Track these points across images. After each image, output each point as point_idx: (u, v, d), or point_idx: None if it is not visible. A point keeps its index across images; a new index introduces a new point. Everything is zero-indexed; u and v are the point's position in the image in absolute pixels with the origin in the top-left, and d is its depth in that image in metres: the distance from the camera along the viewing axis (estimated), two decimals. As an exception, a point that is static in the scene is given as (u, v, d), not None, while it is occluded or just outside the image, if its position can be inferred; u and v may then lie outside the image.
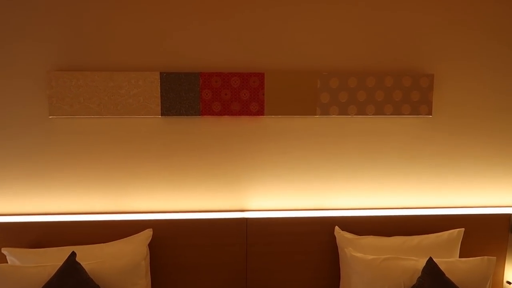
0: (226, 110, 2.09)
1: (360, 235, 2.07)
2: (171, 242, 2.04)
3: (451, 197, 2.23)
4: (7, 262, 1.86)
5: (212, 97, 2.07)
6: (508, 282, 2.20)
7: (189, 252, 2.06)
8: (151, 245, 1.98)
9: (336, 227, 2.08)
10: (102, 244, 1.94)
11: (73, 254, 1.69)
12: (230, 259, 2.09)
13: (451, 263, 1.89)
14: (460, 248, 2.07)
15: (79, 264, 1.67)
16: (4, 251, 1.87)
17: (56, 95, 2.00)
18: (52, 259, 1.80)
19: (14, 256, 1.85)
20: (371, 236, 2.07)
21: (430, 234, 2.08)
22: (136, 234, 1.97)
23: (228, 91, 2.08)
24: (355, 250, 1.96)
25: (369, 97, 2.13)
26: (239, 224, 2.08)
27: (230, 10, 2.04)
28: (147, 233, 1.96)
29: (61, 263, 1.71)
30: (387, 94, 2.13)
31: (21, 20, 1.97)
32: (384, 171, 2.20)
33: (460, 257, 2.06)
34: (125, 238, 1.97)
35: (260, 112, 2.10)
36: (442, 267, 1.81)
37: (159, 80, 2.03)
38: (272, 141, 2.15)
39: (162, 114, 2.05)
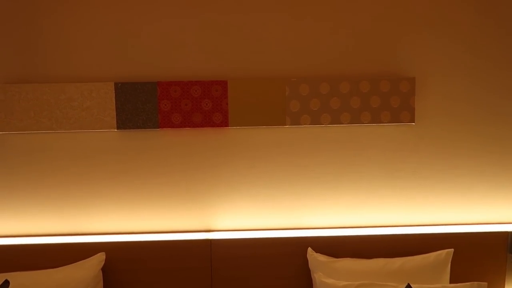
0: (187, 122, 1.93)
1: (336, 257, 1.87)
2: (127, 267, 1.87)
3: (439, 214, 2.01)
4: None
5: (171, 108, 1.92)
6: (509, 310, 1.95)
7: (147, 277, 1.88)
8: (104, 270, 1.82)
9: (309, 248, 1.88)
10: (51, 269, 1.79)
11: (6, 283, 1.53)
12: (193, 285, 1.90)
13: (435, 290, 1.67)
14: (450, 271, 1.84)
15: (11, 293, 1.52)
16: None
17: (5, 109, 1.88)
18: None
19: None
20: (348, 258, 1.86)
21: (415, 256, 1.86)
22: (88, 259, 1.81)
23: (189, 101, 1.92)
24: (328, 275, 1.75)
25: (343, 104, 1.94)
26: (202, 246, 1.91)
27: (190, 13, 1.90)
28: (99, 257, 1.80)
29: (0, 292, 1.56)
30: (364, 101, 1.94)
31: (-33, 31, 1.87)
32: (364, 185, 2.00)
33: (450, 282, 1.82)
34: (75, 263, 1.81)
35: (224, 123, 1.93)
36: (424, 294, 1.59)
37: (114, 91, 1.90)
38: (239, 154, 1.97)
39: (118, 128, 1.91)
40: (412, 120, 1.95)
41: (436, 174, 1.99)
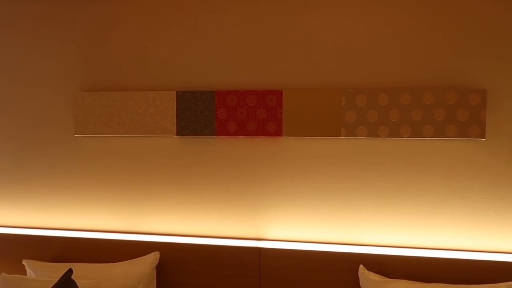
0: (241, 130, 1.97)
1: (390, 278, 1.76)
2: (179, 268, 1.95)
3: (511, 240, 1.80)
4: (25, 273, 1.94)
5: (227, 116, 1.98)
6: None
7: (198, 280, 1.94)
8: (158, 268, 1.91)
9: (361, 266, 1.80)
10: (110, 264, 1.92)
11: (70, 271, 1.68)
12: (241, 291, 1.92)
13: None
14: (524, 306, 1.63)
15: (74, 282, 1.66)
16: (24, 262, 1.96)
17: (82, 114, 2.09)
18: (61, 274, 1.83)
19: (31, 268, 1.92)
20: (404, 280, 1.74)
21: (483, 285, 1.68)
22: (144, 256, 1.92)
23: (244, 110, 1.97)
24: (380, 297, 1.65)
25: (403, 117, 1.84)
26: (252, 253, 1.91)
27: (246, 26, 1.96)
28: (154, 256, 1.90)
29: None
30: (427, 113, 1.82)
31: (52, 47, 2.11)
32: (425, 204, 1.87)
33: (523, 318, 1.62)
34: (133, 260, 1.93)
35: (278, 132, 1.95)
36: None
37: (175, 99, 2.01)
38: (291, 164, 1.96)
39: (177, 134, 2.01)
40: (482, 135, 1.79)
41: (509, 196, 1.80)
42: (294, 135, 1.93)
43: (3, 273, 1.85)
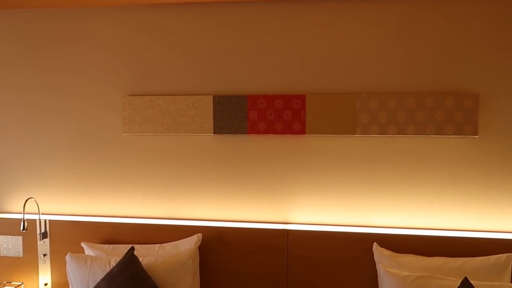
0: (270, 129, 2.29)
1: (398, 253, 2.09)
2: (218, 248, 2.25)
3: (498, 221, 2.14)
4: (84, 253, 2.23)
5: (258, 117, 2.30)
6: None
7: (234, 257, 2.25)
8: (200, 249, 2.22)
9: (375, 243, 2.12)
10: (157, 244, 2.23)
11: (132, 249, 1.98)
12: (271, 268, 2.23)
13: (493, 287, 1.82)
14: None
15: (136, 257, 1.96)
16: (83, 244, 2.25)
17: (129, 116, 2.39)
18: (116, 253, 2.13)
19: (89, 249, 2.22)
20: (411, 254, 2.08)
21: (475, 257, 2.02)
22: (187, 238, 2.22)
23: (273, 112, 2.29)
24: (391, 267, 1.98)
25: (409, 117, 2.18)
26: (280, 235, 2.23)
27: (274, 40, 2.28)
28: (197, 237, 2.20)
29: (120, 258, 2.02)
30: (428, 115, 2.16)
31: (103, 57, 2.41)
32: (427, 191, 2.20)
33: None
34: (178, 241, 2.23)
35: (301, 131, 2.27)
36: (481, 289, 1.76)
37: (212, 103, 2.32)
38: (313, 158, 2.29)
39: (214, 132, 2.32)
40: (475, 133, 2.13)
41: (497, 184, 2.14)
42: (315, 133, 2.26)
43: (69, 252, 2.14)
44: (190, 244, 2.16)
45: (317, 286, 2.20)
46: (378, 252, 2.08)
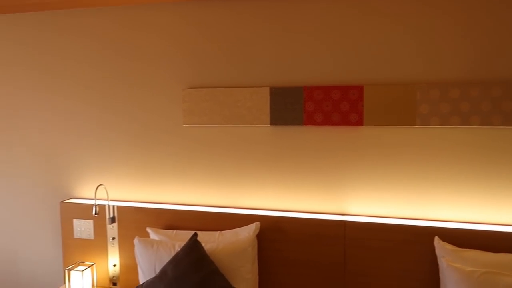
0: (327, 120, 2.30)
1: (462, 248, 2.03)
2: (275, 237, 2.30)
3: None
4: (149, 237, 2.38)
5: (314, 109, 2.31)
6: None
7: (291, 246, 2.29)
8: (258, 237, 2.28)
9: (436, 237, 2.08)
10: (217, 231, 2.32)
11: (195, 234, 2.09)
12: (328, 258, 2.25)
13: None
14: None
15: (200, 243, 2.07)
16: (148, 229, 2.40)
17: (189, 108, 2.49)
18: (179, 238, 2.26)
19: (154, 233, 2.36)
20: (475, 249, 2.01)
21: (547, 255, 1.92)
22: (246, 226, 2.30)
23: (329, 103, 2.29)
24: (455, 262, 1.93)
25: (473, 108, 2.09)
26: (338, 226, 2.24)
27: (330, 30, 2.27)
28: (255, 226, 2.26)
29: (184, 243, 2.13)
30: (495, 105, 2.07)
31: (164, 52, 2.52)
32: (493, 185, 2.12)
33: None
34: (237, 228, 2.31)
35: (359, 122, 2.25)
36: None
37: (269, 94, 2.36)
38: (371, 149, 2.27)
39: (271, 124, 2.37)
40: (547, 124, 2.01)
41: None
42: (373, 124, 2.23)
43: (136, 236, 2.29)
44: (249, 232, 2.23)
45: (375, 278, 2.20)
46: (441, 246, 2.04)
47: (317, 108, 2.31)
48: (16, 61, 2.81)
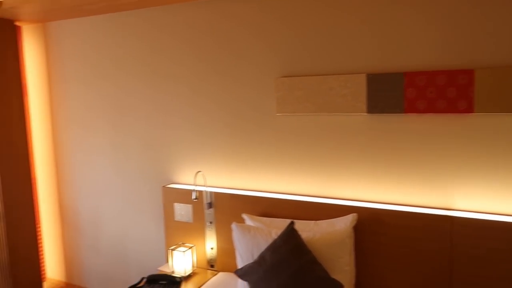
0: (431, 108, 2.14)
1: None
2: (373, 229, 2.23)
3: None
4: (245, 223, 2.46)
5: (416, 96, 2.17)
6: None
7: (390, 240, 2.20)
8: (354, 229, 2.24)
9: (562, 238, 1.85)
10: (312, 220, 2.32)
11: (292, 223, 2.11)
12: (431, 254, 2.12)
13: None
14: None
15: (297, 231, 2.09)
16: (243, 215, 2.49)
17: (282, 97, 2.50)
18: (275, 225, 2.31)
19: (250, 220, 2.44)
20: None
21: None
22: (342, 217, 2.26)
23: (433, 89, 2.13)
24: None
25: None
26: (442, 221, 2.09)
27: (434, 10, 2.09)
28: (353, 217, 2.21)
29: (280, 230, 2.17)
30: None
31: (257, 41, 2.54)
32: None
33: None
34: (332, 219, 2.29)
35: (468, 109, 2.06)
36: None
37: (366, 81, 2.27)
38: (482, 139, 2.07)
39: (368, 112, 2.28)
40: None
41: None
42: (486, 112, 2.03)
43: (234, 222, 2.39)
44: (345, 223, 2.20)
45: (485, 279, 2.03)
46: None
47: (419, 94, 2.16)
48: (124, 61, 3.05)
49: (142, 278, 2.56)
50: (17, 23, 3.25)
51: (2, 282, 3.31)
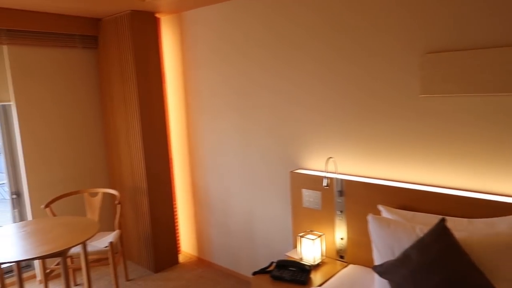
0: None
1: None
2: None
3: None
4: (380, 215, 2.26)
5: None
6: None
7: None
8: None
9: None
10: (465, 218, 2.01)
11: (443, 220, 1.84)
12: None
13: None
14: None
15: (449, 230, 1.82)
16: (379, 207, 2.28)
17: (428, 76, 2.19)
18: (418, 221, 2.06)
19: (387, 212, 2.22)
20: None
21: None
22: (506, 217, 1.90)
23: None
24: None
25: None
26: None
27: None
28: (518, 217, 1.86)
29: (426, 227, 1.92)
30: None
31: (394, 14, 2.26)
32: None
33: None
34: (492, 218, 1.95)
35: None
36: None
37: (544, 53, 1.83)
38: None
39: (543, 91, 1.85)
40: None
41: None
42: None
43: (370, 213, 2.21)
44: (510, 224, 1.84)
45: None
46: None
47: None
48: (248, 48, 3.05)
49: (272, 263, 2.57)
50: (157, 15, 3.50)
51: (146, 250, 3.71)
